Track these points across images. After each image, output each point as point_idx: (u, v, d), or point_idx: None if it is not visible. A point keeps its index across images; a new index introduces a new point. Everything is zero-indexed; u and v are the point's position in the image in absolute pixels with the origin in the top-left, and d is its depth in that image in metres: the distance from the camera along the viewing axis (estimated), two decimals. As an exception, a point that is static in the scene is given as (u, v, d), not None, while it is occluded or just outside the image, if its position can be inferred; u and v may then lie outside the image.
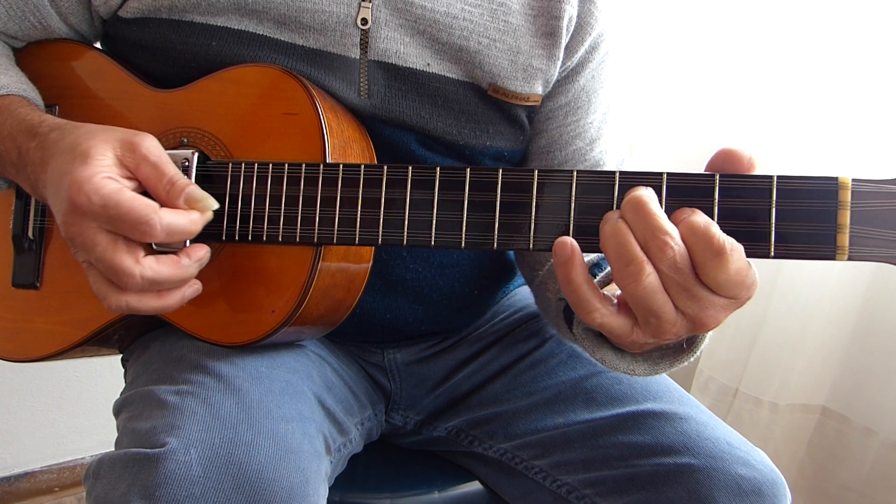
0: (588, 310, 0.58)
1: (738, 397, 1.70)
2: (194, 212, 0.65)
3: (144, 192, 0.65)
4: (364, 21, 0.77)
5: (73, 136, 0.66)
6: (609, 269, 0.70)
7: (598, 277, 0.75)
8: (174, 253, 0.66)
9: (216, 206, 0.67)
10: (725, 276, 0.53)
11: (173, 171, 0.65)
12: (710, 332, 0.65)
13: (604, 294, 0.58)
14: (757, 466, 0.75)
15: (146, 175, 0.65)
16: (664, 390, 0.84)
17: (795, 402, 1.64)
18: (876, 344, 1.53)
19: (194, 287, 0.68)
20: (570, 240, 0.57)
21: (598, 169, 0.89)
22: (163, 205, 0.64)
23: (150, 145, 0.65)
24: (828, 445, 1.63)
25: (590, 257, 0.80)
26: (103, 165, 0.63)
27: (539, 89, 0.85)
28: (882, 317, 1.51)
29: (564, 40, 0.83)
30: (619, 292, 0.60)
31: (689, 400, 0.84)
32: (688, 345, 0.66)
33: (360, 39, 0.78)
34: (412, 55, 0.79)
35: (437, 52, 0.80)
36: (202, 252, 0.67)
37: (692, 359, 0.67)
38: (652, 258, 0.54)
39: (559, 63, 0.84)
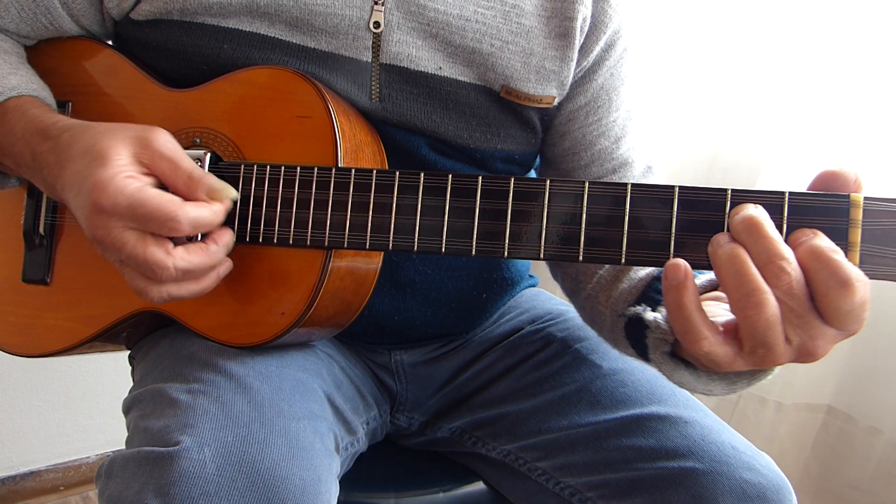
0: (697, 338, 0.55)
1: (742, 396, 1.70)
2: (216, 203, 0.66)
3: (161, 187, 0.66)
4: (376, 24, 0.77)
5: (87, 137, 0.67)
6: (703, 276, 0.67)
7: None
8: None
9: (236, 195, 0.69)
10: (850, 307, 0.51)
11: (189, 164, 0.66)
12: None
13: (713, 322, 0.56)
14: (762, 471, 0.75)
15: (163, 171, 0.66)
16: (669, 394, 0.84)
17: (800, 402, 1.64)
18: (881, 343, 1.52)
19: (227, 264, 0.70)
20: (683, 263, 0.55)
21: (627, 168, 0.89)
22: (182, 198, 0.65)
23: (164, 140, 0.66)
24: (833, 445, 1.63)
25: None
26: (122, 165, 0.64)
27: (553, 91, 0.84)
28: (887, 315, 1.51)
29: (578, 41, 0.83)
30: (721, 319, 0.58)
31: (695, 403, 0.84)
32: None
33: (373, 43, 0.78)
34: (424, 59, 0.79)
35: (450, 55, 0.80)
36: (228, 237, 0.69)
37: (770, 377, 0.64)
38: (767, 284, 0.52)
39: (573, 64, 0.84)
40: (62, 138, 0.69)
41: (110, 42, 0.88)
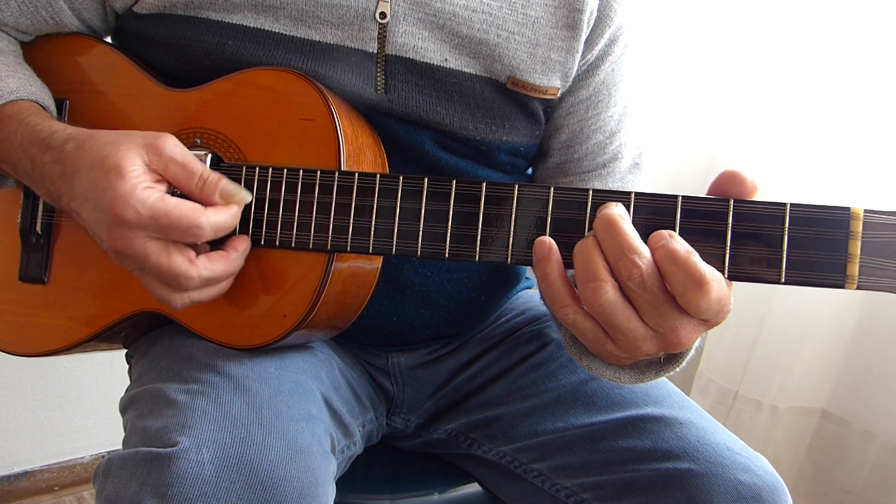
0: (561, 304, 0.59)
1: (738, 400, 1.70)
2: (233, 206, 0.68)
3: (173, 192, 0.67)
4: (383, 15, 0.77)
5: (94, 148, 0.67)
6: None
7: None
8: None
9: (250, 197, 0.70)
10: (706, 304, 0.54)
11: (201, 168, 0.67)
12: (696, 343, 0.65)
13: (578, 296, 0.59)
14: (757, 472, 0.75)
15: (175, 176, 0.67)
16: (664, 395, 0.85)
17: (795, 405, 1.65)
18: (875, 347, 1.53)
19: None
20: (548, 239, 0.59)
21: (616, 162, 0.90)
22: (196, 202, 0.66)
23: (174, 145, 0.67)
24: (827, 448, 1.63)
25: None
26: (138, 176, 0.65)
27: (557, 82, 0.85)
28: (882, 320, 1.52)
29: (585, 34, 0.83)
30: None
31: (690, 404, 0.85)
32: (666, 359, 0.67)
33: (378, 34, 0.78)
34: (430, 50, 0.79)
35: (456, 46, 0.80)
36: (245, 244, 0.70)
37: (678, 369, 0.68)
38: (621, 276, 0.55)
39: (578, 56, 0.84)
40: (66, 150, 0.69)
41: (109, 39, 0.87)
